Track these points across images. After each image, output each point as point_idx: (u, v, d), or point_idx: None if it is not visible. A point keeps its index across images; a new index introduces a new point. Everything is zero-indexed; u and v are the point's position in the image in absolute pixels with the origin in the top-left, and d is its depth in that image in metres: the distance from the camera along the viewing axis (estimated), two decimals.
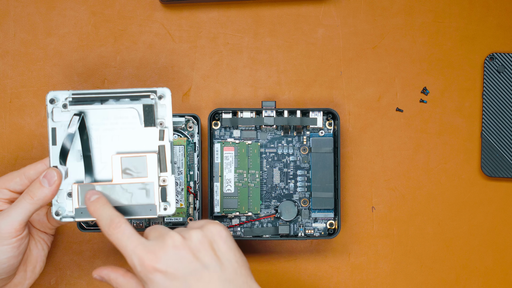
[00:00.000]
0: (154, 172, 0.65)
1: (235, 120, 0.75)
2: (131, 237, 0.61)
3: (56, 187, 0.64)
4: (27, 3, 0.78)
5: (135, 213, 0.65)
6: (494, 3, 0.79)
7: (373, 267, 0.78)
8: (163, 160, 0.66)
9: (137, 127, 0.66)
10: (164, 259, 0.59)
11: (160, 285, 0.59)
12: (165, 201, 0.65)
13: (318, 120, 0.75)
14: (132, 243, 0.60)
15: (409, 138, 0.78)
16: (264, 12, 0.79)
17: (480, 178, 0.79)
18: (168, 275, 0.59)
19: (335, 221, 0.75)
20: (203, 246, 0.60)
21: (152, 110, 0.65)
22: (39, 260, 0.69)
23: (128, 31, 0.78)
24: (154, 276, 0.59)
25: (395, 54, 0.79)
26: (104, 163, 0.65)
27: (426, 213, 0.78)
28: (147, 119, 0.66)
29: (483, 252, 0.78)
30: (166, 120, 0.66)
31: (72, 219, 0.65)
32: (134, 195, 0.65)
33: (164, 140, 0.66)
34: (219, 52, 0.78)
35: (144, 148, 0.66)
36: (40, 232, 0.70)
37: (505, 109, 0.78)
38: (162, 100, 0.66)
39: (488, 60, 0.78)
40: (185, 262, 0.59)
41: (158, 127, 0.66)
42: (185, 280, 0.59)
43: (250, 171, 0.76)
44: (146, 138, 0.66)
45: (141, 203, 0.65)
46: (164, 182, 0.66)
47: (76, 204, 0.65)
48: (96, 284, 0.77)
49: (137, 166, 0.65)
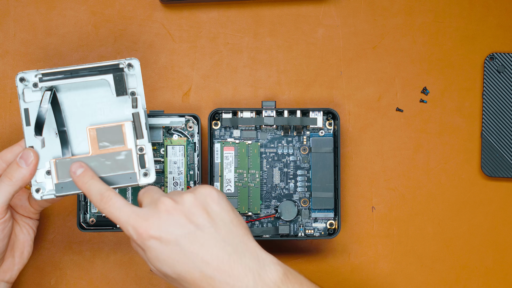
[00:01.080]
0: (131, 140, 0.66)
1: (235, 120, 0.75)
2: (123, 209, 0.61)
3: (33, 166, 0.65)
4: (27, 3, 0.78)
5: (116, 182, 0.66)
6: (494, 3, 0.79)
7: (373, 267, 0.78)
8: (139, 127, 0.66)
9: (110, 98, 0.66)
10: (157, 225, 0.59)
11: (156, 250, 0.59)
12: (144, 167, 0.66)
13: (318, 120, 0.75)
14: (125, 214, 0.60)
15: (409, 138, 0.78)
16: (264, 12, 0.79)
17: (480, 178, 0.79)
18: (162, 240, 0.59)
19: (335, 221, 0.75)
20: (196, 208, 0.60)
21: (123, 79, 0.66)
22: (26, 245, 0.70)
23: (128, 31, 0.78)
24: (150, 243, 0.59)
25: (395, 54, 0.79)
26: (80, 137, 0.66)
27: (426, 213, 0.78)
28: (118, 89, 0.66)
29: (483, 252, 0.78)
30: (137, 89, 0.66)
31: (53, 196, 0.66)
32: (113, 165, 0.66)
33: (137, 107, 0.66)
34: (219, 52, 0.78)
35: (118, 118, 0.67)
36: (24, 217, 0.70)
37: (505, 109, 0.78)
38: (131, 70, 0.66)
39: (488, 60, 0.78)
40: (178, 225, 0.59)
41: (130, 96, 0.66)
42: (179, 243, 0.59)
43: (250, 171, 0.76)
44: (120, 108, 0.67)
45: (120, 173, 0.66)
46: (141, 150, 0.66)
47: (55, 179, 0.65)
48: (96, 284, 0.77)
49: (113, 136, 0.66)
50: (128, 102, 0.66)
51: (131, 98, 0.66)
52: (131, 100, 0.66)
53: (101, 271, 0.77)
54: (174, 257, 0.59)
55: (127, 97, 0.66)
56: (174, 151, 0.75)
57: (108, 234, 0.77)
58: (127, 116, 0.67)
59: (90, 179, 0.64)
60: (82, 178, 0.64)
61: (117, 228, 0.75)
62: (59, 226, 0.77)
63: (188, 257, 0.59)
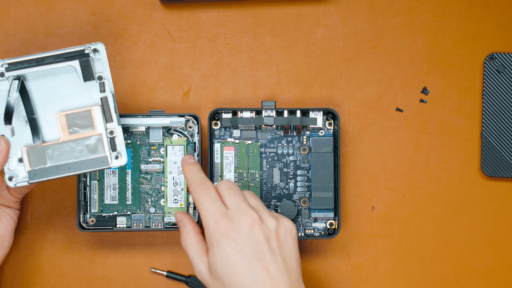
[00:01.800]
0: (100, 124, 0.67)
1: (235, 120, 0.75)
2: (215, 201, 0.64)
3: (5, 154, 0.65)
4: (27, 3, 0.78)
5: (88, 167, 0.66)
6: (494, 3, 0.79)
7: (373, 267, 0.78)
8: (107, 111, 0.67)
9: (77, 83, 0.67)
10: (238, 230, 0.62)
11: (226, 251, 0.62)
12: (115, 150, 0.67)
13: (318, 120, 0.75)
14: (214, 206, 0.64)
15: (409, 138, 0.78)
16: (264, 12, 0.79)
17: (480, 178, 0.79)
18: (238, 244, 0.62)
19: (335, 221, 0.75)
20: (275, 234, 0.64)
21: (89, 64, 0.67)
22: (7, 235, 0.71)
23: (128, 31, 0.78)
24: (224, 241, 0.62)
25: (395, 54, 0.79)
26: (50, 124, 0.67)
27: (426, 213, 0.78)
28: (85, 74, 0.67)
29: (483, 252, 0.78)
30: (104, 73, 0.67)
31: (27, 183, 0.66)
32: (84, 149, 0.67)
33: (105, 91, 0.67)
34: (219, 52, 0.78)
35: (87, 103, 0.67)
36: (4, 207, 0.71)
37: (505, 109, 0.78)
38: (97, 55, 0.67)
39: (488, 60, 0.78)
40: (256, 241, 0.62)
41: (97, 81, 0.67)
42: (249, 256, 0.62)
43: (250, 171, 0.76)
44: (88, 93, 0.67)
45: (92, 157, 0.67)
46: (112, 134, 0.67)
47: (28, 167, 0.66)
48: (96, 284, 0.77)
49: (82, 121, 0.67)
50: (96, 86, 0.67)
51: (99, 82, 0.67)
52: (99, 85, 0.67)
53: (101, 271, 0.77)
54: (238, 265, 0.62)
55: (94, 82, 0.67)
56: (174, 151, 0.75)
57: (108, 234, 0.77)
58: (96, 100, 0.67)
59: (197, 169, 0.67)
60: (192, 165, 0.67)
61: (117, 228, 0.75)
62: (59, 226, 0.77)
63: (250, 271, 0.62)
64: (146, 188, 0.75)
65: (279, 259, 0.63)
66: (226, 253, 0.62)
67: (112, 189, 0.75)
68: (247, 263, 0.62)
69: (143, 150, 0.75)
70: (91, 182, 0.75)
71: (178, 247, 0.78)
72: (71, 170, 0.66)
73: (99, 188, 0.75)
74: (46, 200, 0.77)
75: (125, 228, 0.75)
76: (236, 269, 0.62)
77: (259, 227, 0.63)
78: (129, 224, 0.75)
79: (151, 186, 0.75)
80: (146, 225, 0.75)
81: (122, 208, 0.75)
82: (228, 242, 0.62)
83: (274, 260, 0.63)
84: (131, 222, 0.75)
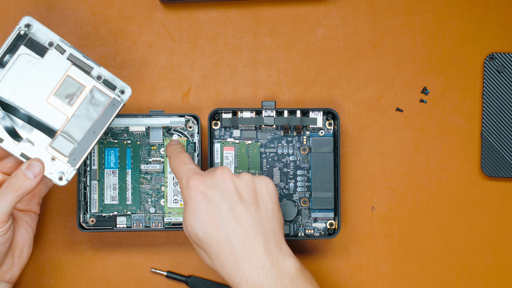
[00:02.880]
0: (85, 78, 0.67)
1: (235, 120, 0.75)
2: (187, 163, 0.66)
3: (40, 178, 0.65)
4: (27, 3, 0.78)
5: (107, 118, 0.67)
6: (494, 3, 0.79)
7: (373, 267, 0.78)
8: (81, 63, 0.67)
9: (40, 63, 0.67)
10: (208, 183, 0.64)
11: (197, 204, 0.63)
12: (116, 88, 0.67)
13: (318, 120, 0.75)
14: (185, 167, 0.66)
15: (409, 138, 0.78)
16: (264, 12, 0.79)
17: (480, 178, 0.79)
18: (207, 196, 0.63)
19: (335, 221, 0.75)
20: (248, 186, 0.65)
21: (33, 40, 0.66)
22: (26, 244, 0.70)
23: (128, 31, 0.78)
24: (195, 195, 0.64)
25: (395, 54, 0.79)
26: (48, 112, 0.67)
27: (426, 213, 0.78)
28: (38, 51, 0.66)
29: (483, 252, 0.78)
30: (52, 37, 0.66)
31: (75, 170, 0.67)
32: (92, 108, 0.67)
33: (66, 51, 0.67)
34: (219, 52, 0.78)
35: (62, 72, 0.67)
36: (23, 215, 0.71)
37: (505, 109, 0.78)
38: (32, 28, 0.66)
39: (488, 60, 0.78)
40: (226, 190, 0.64)
41: (52, 47, 0.67)
42: (219, 205, 0.63)
43: (250, 171, 0.76)
44: (54, 64, 0.67)
45: (103, 108, 0.67)
46: (100, 78, 0.67)
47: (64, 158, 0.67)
48: (96, 284, 0.77)
49: (71, 88, 0.67)
50: (55, 53, 0.67)
51: (54, 48, 0.67)
52: (56, 50, 0.67)
53: (101, 271, 0.77)
54: (210, 215, 0.63)
55: (50, 51, 0.67)
56: None
57: (108, 234, 0.77)
58: (66, 63, 0.67)
59: (179, 146, 0.70)
60: (174, 145, 0.70)
61: (117, 228, 0.75)
62: (59, 226, 0.77)
63: (222, 220, 0.63)
64: (146, 188, 0.75)
65: (252, 208, 0.64)
66: (197, 206, 0.63)
67: (112, 189, 0.75)
68: (217, 212, 0.63)
69: (143, 150, 0.75)
70: (91, 182, 0.75)
71: (178, 247, 0.78)
72: (97, 132, 0.67)
73: (99, 188, 0.75)
74: (46, 200, 0.77)
75: (125, 228, 0.75)
76: (208, 220, 0.63)
77: (230, 177, 0.64)
78: (129, 224, 0.75)
79: (151, 186, 0.75)
80: (146, 225, 0.75)
81: (122, 208, 0.75)
82: (198, 196, 0.63)
83: (246, 209, 0.63)
84: (131, 222, 0.75)
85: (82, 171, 0.75)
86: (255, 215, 0.63)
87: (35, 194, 0.72)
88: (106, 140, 0.75)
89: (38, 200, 0.72)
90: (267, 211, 0.64)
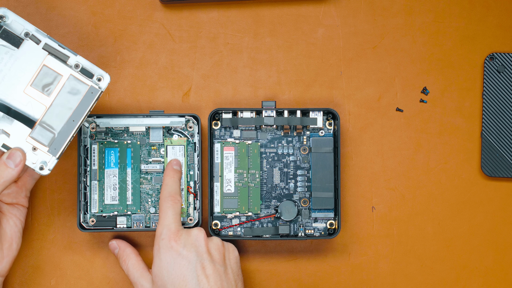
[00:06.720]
0: (62, 67, 0.67)
1: (235, 120, 0.75)
2: (176, 216, 0.70)
3: (21, 167, 0.66)
4: (27, 3, 0.78)
5: (86, 106, 0.67)
6: (494, 3, 0.79)
7: (373, 267, 0.78)
8: (56, 52, 0.67)
9: (16, 54, 0.67)
10: (184, 242, 0.69)
11: (172, 256, 0.68)
12: (93, 76, 0.68)
13: (318, 120, 0.75)
14: (174, 220, 0.70)
15: (409, 138, 0.79)
16: (264, 12, 0.79)
17: (480, 178, 0.79)
18: (180, 254, 0.68)
19: (335, 221, 0.75)
20: (219, 249, 0.70)
21: (8, 31, 0.66)
22: (15, 237, 0.71)
23: (128, 31, 0.78)
24: (172, 246, 0.68)
25: (395, 54, 0.79)
26: (26, 103, 0.67)
27: (426, 213, 0.78)
28: (13, 42, 0.66)
29: (483, 252, 0.78)
30: (27, 27, 0.67)
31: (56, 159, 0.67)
32: (70, 96, 0.67)
33: (41, 41, 0.67)
34: (219, 52, 0.78)
35: (38, 62, 0.67)
36: (11, 207, 0.71)
37: (505, 109, 0.78)
38: (7, 19, 0.66)
39: (488, 60, 0.78)
40: (199, 250, 0.69)
41: (27, 38, 0.67)
42: (191, 262, 0.68)
43: (250, 171, 0.76)
44: (30, 54, 0.67)
45: (81, 96, 0.67)
46: (77, 67, 0.67)
47: (44, 148, 0.67)
48: (96, 284, 0.77)
49: (48, 77, 0.67)
50: (30, 43, 0.67)
51: (29, 39, 0.67)
52: (31, 40, 0.67)
53: (101, 271, 0.77)
54: (182, 271, 0.68)
55: (26, 41, 0.67)
56: (174, 151, 0.75)
57: (108, 234, 0.77)
58: (42, 53, 0.67)
59: (178, 178, 0.73)
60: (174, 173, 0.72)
61: (117, 228, 0.75)
62: (59, 226, 0.77)
63: (193, 277, 0.67)
64: (146, 188, 0.75)
65: (221, 270, 0.69)
66: (173, 258, 0.68)
67: (112, 189, 0.75)
68: (191, 268, 0.68)
69: (143, 150, 0.75)
70: (91, 182, 0.75)
71: None
72: (76, 121, 0.67)
73: (99, 188, 0.75)
74: (46, 200, 0.77)
75: (125, 228, 0.75)
76: (180, 274, 0.67)
77: (204, 239, 0.69)
78: (129, 224, 0.75)
79: (151, 186, 0.75)
80: (146, 225, 0.75)
81: (122, 208, 0.75)
82: (175, 248, 0.68)
83: (216, 270, 0.68)
84: (131, 222, 0.75)
85: (82, 171, 0.75)
86: (223, 275, 0.69)
87: (22, 187, 0.72)
88: (106, 140, 0.75)
89: (25, 193, 0.72)
90: (233, 273, 0.70)
